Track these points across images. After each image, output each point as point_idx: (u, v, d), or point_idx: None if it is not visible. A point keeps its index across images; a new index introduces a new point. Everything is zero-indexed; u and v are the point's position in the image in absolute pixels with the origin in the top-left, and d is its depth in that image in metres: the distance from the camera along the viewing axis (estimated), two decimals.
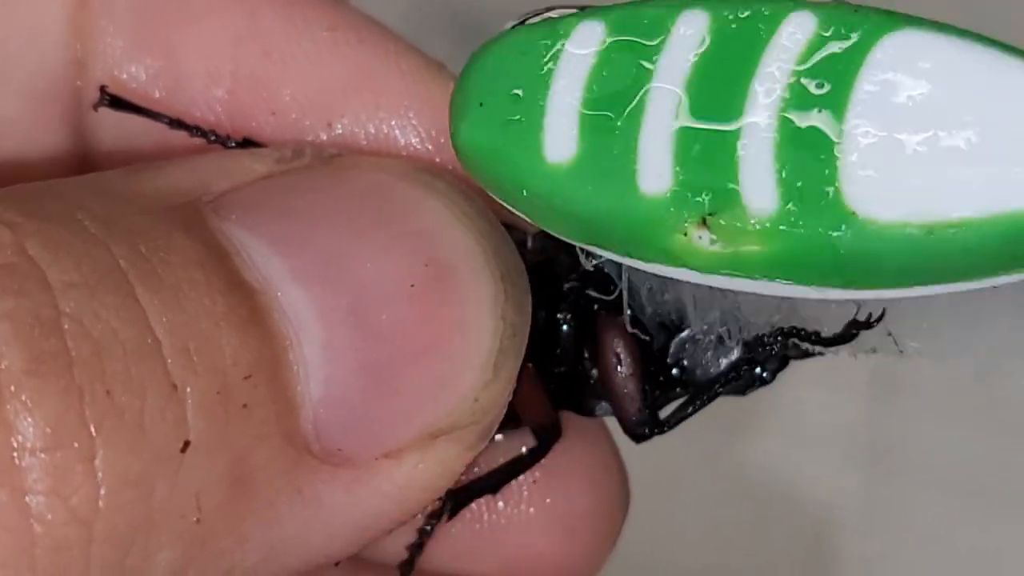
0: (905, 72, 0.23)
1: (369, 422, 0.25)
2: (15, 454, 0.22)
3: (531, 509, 0.31)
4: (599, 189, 0.24)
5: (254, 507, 0.24)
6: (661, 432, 0.29)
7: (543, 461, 0.30)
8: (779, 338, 0.27)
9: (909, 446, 0.70)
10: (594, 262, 0.26)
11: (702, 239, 0.24)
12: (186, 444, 0.23)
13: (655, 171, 0.24)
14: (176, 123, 0.29)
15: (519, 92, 0.24)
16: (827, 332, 0.27)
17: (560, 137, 0.24)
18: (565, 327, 0.29)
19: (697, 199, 0.24)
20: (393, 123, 0.28)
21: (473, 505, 0.30)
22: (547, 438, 0.30)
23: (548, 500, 0.31)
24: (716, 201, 0.24)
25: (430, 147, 0.28)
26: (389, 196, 0.26)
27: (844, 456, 0.70)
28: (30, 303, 0.22)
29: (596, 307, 0.29)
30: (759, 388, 0.29)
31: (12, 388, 0.22)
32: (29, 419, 0.22)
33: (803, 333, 0.27)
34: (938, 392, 0.70)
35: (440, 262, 0.25)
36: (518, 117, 0.24)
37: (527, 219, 0.25)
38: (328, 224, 0.25)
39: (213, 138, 0.28)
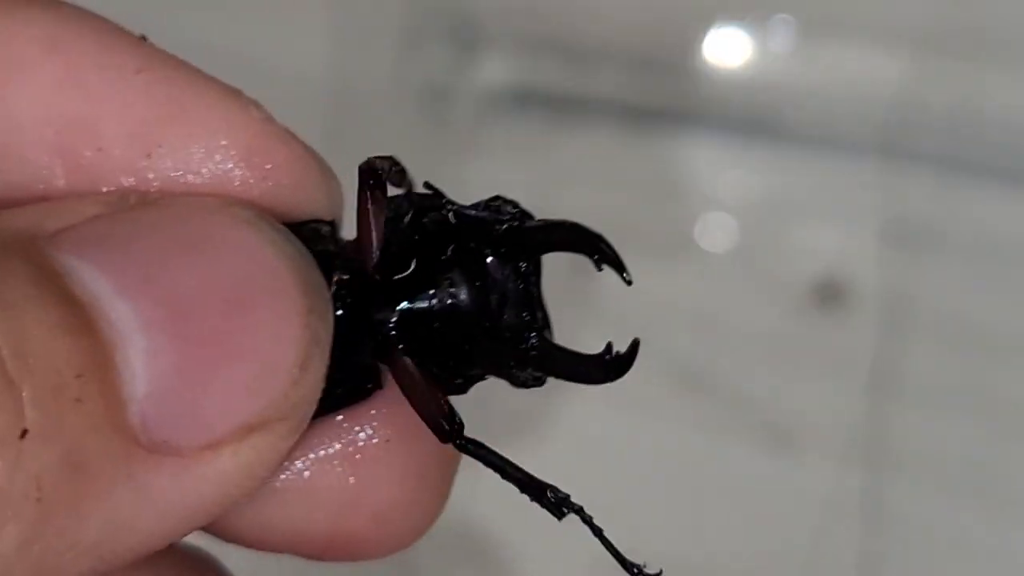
0: None
1: (188, 417, 0.28)
2: None
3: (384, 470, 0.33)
4: None
5: (91, 490, 0.27)
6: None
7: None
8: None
9: (908, 444, 0.70)
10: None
11: None
12: (24, 431, 0.26)
13: None
14: None
15: None
16: None
17: None
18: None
19: None
20: (204, 147, 0.31)
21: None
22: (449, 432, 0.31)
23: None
24: None
25: (241, 165, 0.31)
26: (202, 223, 0.29)
27: (843, 454, 0.70)
28: None
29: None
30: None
31: None
32: None
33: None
34: (938, 391, 0.70)
35: (250, 279, 0.29)
36: None
37: None
38: (148, 247, 0.29)
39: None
